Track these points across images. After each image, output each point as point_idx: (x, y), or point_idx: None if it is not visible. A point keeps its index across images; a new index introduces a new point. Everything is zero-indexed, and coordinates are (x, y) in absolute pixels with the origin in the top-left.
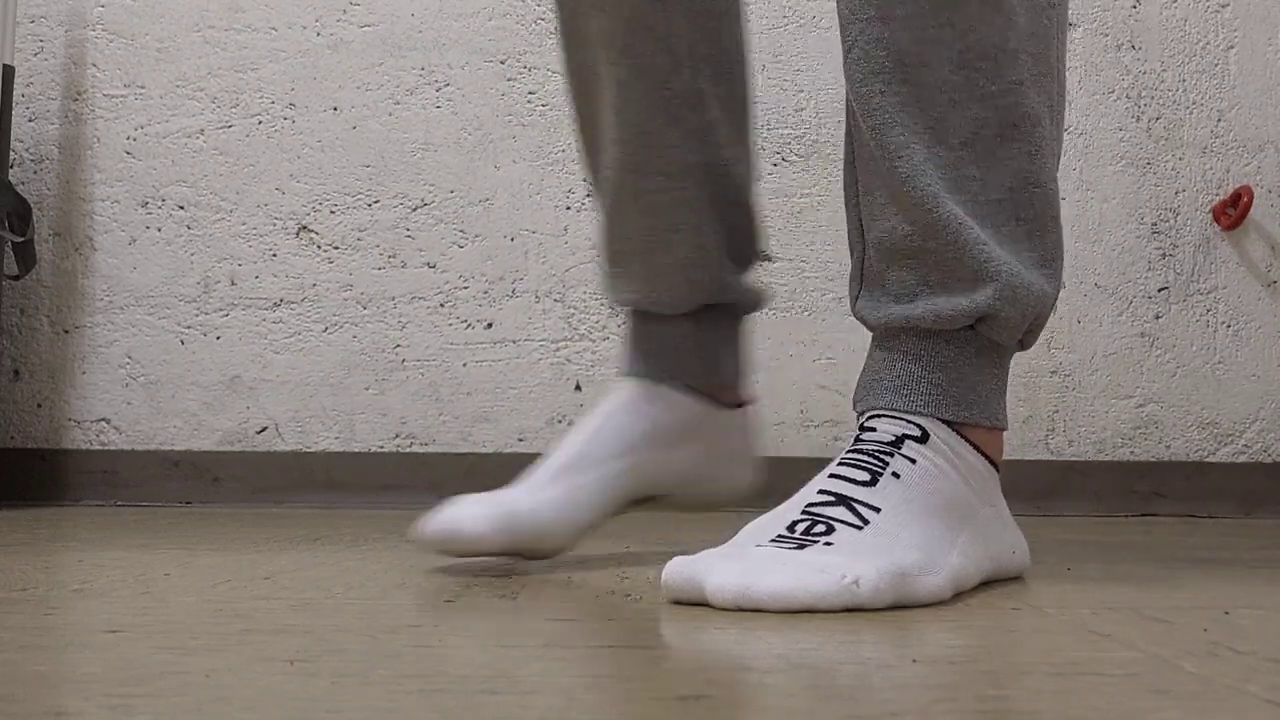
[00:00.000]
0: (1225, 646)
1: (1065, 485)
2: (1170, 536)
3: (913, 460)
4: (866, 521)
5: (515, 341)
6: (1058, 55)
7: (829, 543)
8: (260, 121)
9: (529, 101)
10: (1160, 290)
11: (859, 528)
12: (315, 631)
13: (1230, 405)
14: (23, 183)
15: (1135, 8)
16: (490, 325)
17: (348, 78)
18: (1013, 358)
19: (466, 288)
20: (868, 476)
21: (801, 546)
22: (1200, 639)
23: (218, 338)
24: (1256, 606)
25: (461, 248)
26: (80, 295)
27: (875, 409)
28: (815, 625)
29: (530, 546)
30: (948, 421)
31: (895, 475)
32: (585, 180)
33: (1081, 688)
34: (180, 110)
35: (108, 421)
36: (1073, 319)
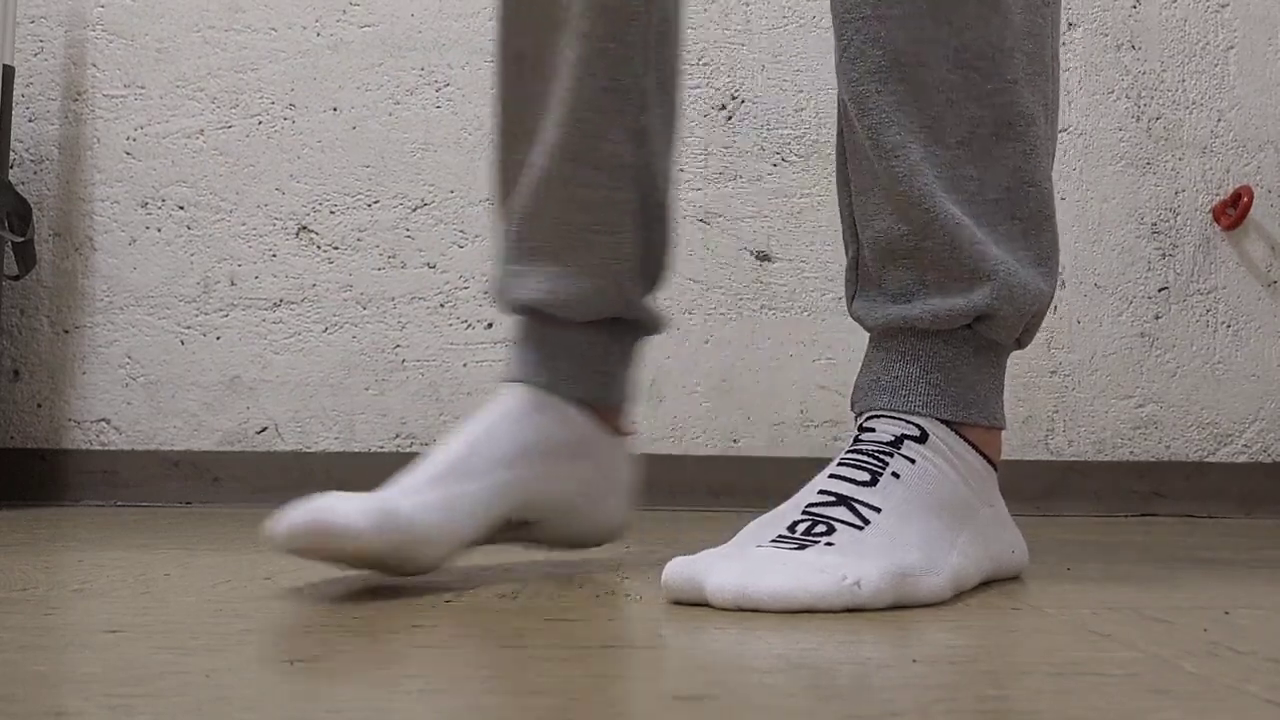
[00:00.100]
0: (1225, 646)
1: (1065, 485)
2: (1170, 536)
3: (912, 460)
4: (867, 522)
5: None
6: (1052, 54)
7: (830, 543)
8: (260, 122)
9: None
10: (1160, 290)
11: (859, 528)
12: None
13: (1230, 405)
14: (23, 183)
15: (1135, 8)
16: (490, 325)
17: (348, 78)
18: (1010, 357)
19: (466, 288)
20: (868, 477)
21: (802, 547)
22: (1200, 639)
23: (218, 338)
24: (1256, 606)
25: (461, 248)
26: (80, 295)
27: (874, 409)
28: (815, 625)
29: (408, 554)
30: (946, 421)
31: (895, 475)
32: (493, 176)
33: (1081, 688)
34: (180, 110)
35: (108, 421)
36: (1073, 319)
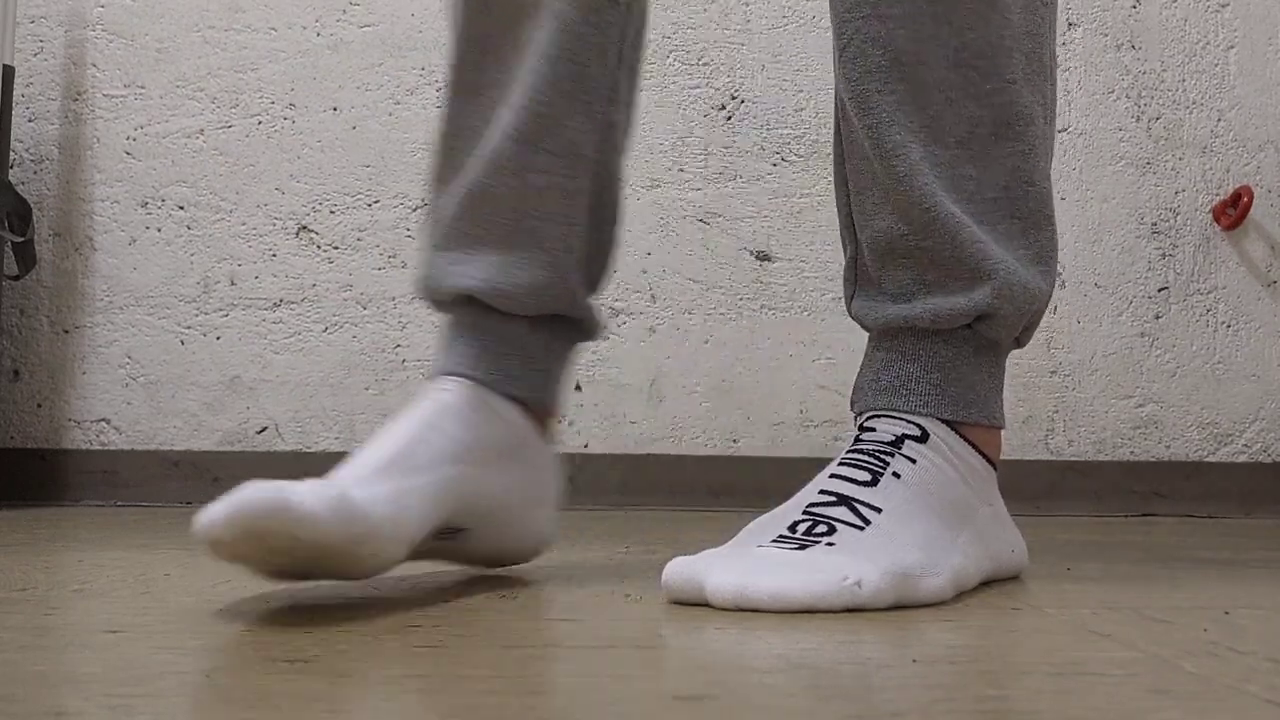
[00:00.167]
0: (1225, 646)
1: (1065, 485)
2: (1170, 536)
3: (913, 460)
4: (868, 522)
5: None
6: (1050, 53)
7: (831, 543)
8: (260, 122)
9: None
10: (1160, 290)
11: (860, 528)
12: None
13: (1230, 405)
14: (23, 183)
15: (1135, 8)
16: None
17: (348, 78)
18: (1010, 357)
19: None
20: (869, 477)
21: (803, 547)
22: (1200, 639)
23: (218, 338)
24: (1256, 606)
25: None
26: (80, 295)
27: (875, 409)
28: (815, 625)
29: (364, 551)
30: (947, 421)
31: (896, 475)
32: (434, 158)
33: (1081, 688)
34: (180, 110)
35: (108, 421)
36: (1073, 319)
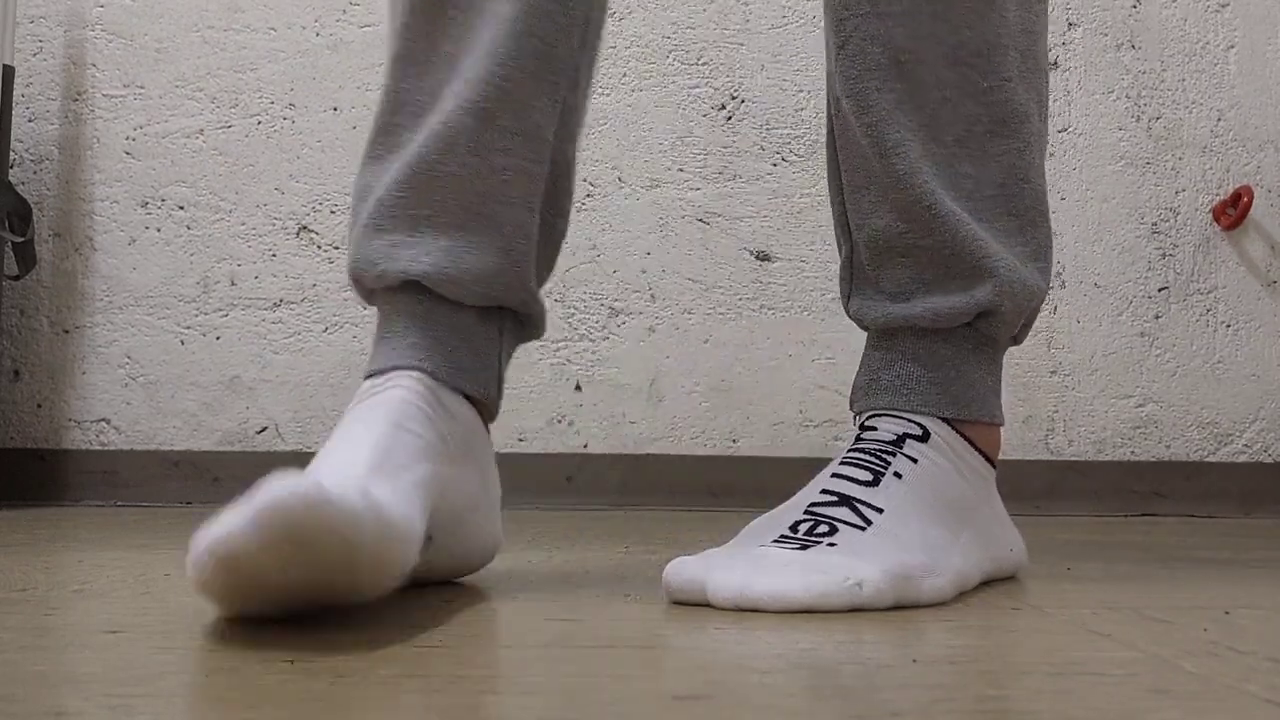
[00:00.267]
0: (1225, 646)
1: (1065, 485)
2: (1170, 536)
3: (915, 460)
4: (869, 522)
5: None
6: (1044, 50)
7: (832, 543)
8: (260, 121)
9: None
10: (1160, 290)
11: (862, 529)
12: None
13: (1230, 405)
14: (23, 183)
15: (1135, 8)
16: None
17: (348, 78)
18: (1009, 356)
19: None
20: (870, 476)
21: (804, 547)
22: (1200, 639)
23: (217, 338)
24: (1256, 606)
25: None
26: (80, 295)
27: (876, 409)
28: (815, 625)
29: (388, 555)
30: (948, 420)
31: (897, 475)
32: (373, 135)
33: (1081, 688)
34: (180, 110)
35: (108, 421)
36: (1073, 319)
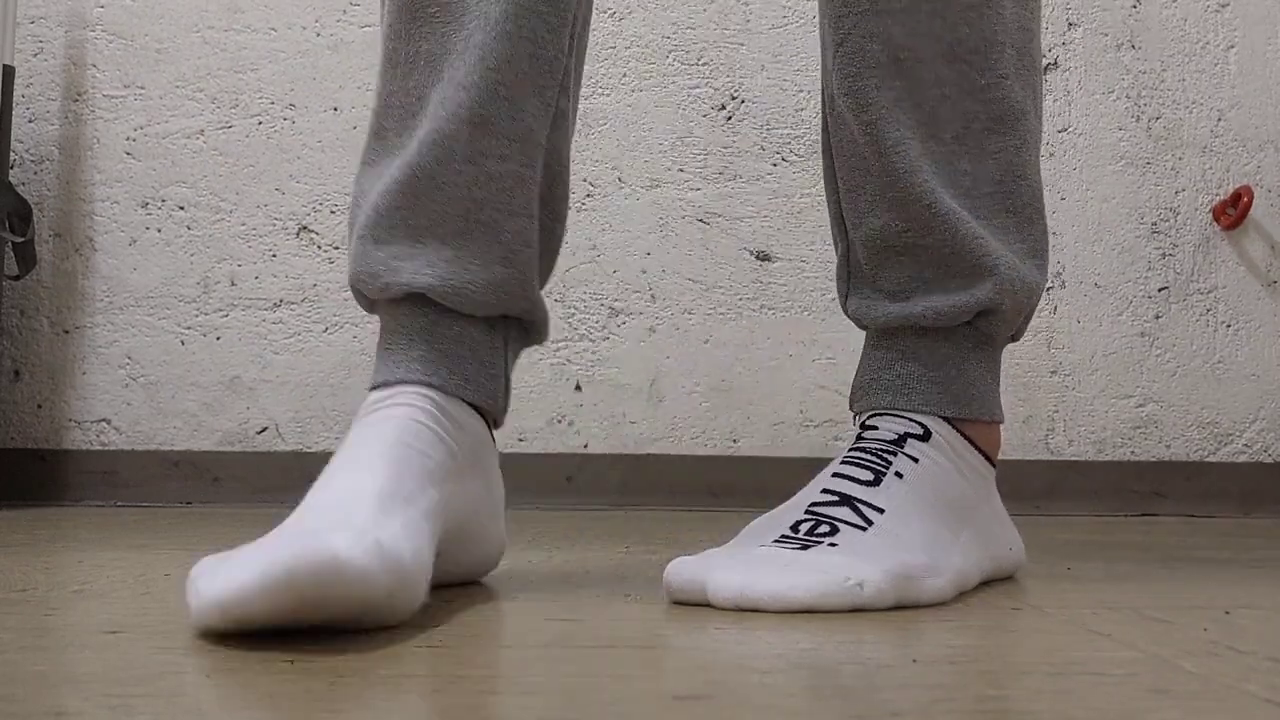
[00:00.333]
0: (1225, 646)
1: (1065, 485)
2: (1170, 536)
3: (916, 459)
4: (870, 522)
5: None
6: (1038, 47)
7: (833, 543)
8: (260, 122)
9: None
10: (1160, 290)
11: (863, 529)
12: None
13: (1230, 405)
14: (23, 183)
15: (1135, 8)
16: None
17: (348, 78)
18: (1009, 356)
19: None
20: (871, 476)
21: (805, 547)
22: (1200, 639)
23: (218, 338)
24: (1256, 606)
25: None
26: (80, 296)
27: (876, 408)
28: (815, 625)
29: (396, 601)
30: (949, 418)
31: (898, 475)
32: (368, 143)
33: (1081, 688)
34: (180, 111)
35: (108, 422)
36: (1073, 319)
